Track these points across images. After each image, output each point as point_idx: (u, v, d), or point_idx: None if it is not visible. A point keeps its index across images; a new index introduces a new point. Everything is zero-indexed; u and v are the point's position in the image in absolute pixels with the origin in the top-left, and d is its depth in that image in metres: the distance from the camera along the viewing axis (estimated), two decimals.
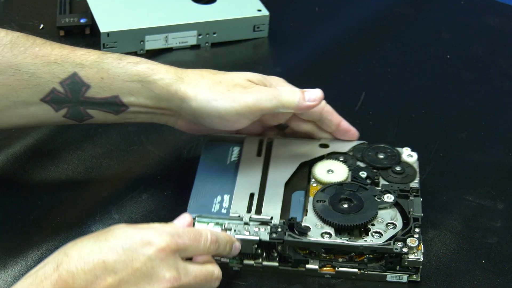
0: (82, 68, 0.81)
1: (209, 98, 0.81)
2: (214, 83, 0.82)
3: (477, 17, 1.19)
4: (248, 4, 1.12)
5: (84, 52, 0.82)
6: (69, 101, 0.82)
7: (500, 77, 1.08)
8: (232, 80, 0.82)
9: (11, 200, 0.87)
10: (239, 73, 0.84)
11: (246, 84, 0.82)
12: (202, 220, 0.80)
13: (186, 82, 0.82)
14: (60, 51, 0.82)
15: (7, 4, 1.17)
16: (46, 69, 0.80)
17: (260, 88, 0.83)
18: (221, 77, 0.83)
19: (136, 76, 0.82)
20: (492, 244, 0.84)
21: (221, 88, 0.81)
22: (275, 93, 0.82)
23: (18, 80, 0.80)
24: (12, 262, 0.80)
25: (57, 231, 0.83)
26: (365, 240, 0.78)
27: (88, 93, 0.82)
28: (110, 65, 0.82)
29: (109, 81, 0.81)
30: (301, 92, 0.83)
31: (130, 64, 0.82)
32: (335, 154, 0.87)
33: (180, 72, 0.83)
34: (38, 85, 0.81)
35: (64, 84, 0.81)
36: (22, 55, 0.80)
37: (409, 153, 0.87)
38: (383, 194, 0.82)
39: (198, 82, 0.82)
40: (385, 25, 1.17)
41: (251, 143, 0.88)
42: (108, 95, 0.82)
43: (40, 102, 0.81)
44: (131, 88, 0.82)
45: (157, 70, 0.82)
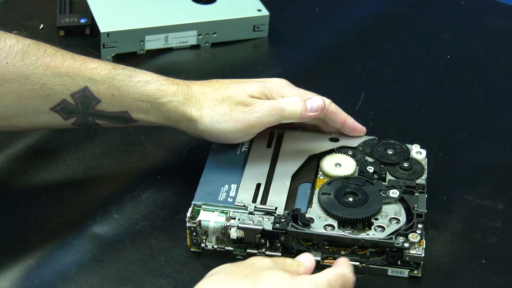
0: (93, 83, 0.82)
1: (213, 121, 0.83)
2: (217, 103, 0.83)
3: (477, 17, 1.19)
4: (248, 4, 1.12)
5: (96, 66, 0.83)
6: (79, 112, 0.83)
7: (500, 77, 1.08)
8: (234, 97, 0.83)
9: (11, 200, 0.87)
10: (241, 87, 0.84)
11: (247, 101, 0.83)
12: (207, 208, 0.81)
13: (192, 103, 0.83)
14: (72, 62, 0.82)
15: (7, 4, 1.17)
16: (58, 80, 0.81)
17: (262, 104, 0.83)
18: (223, 94, 0.83)
19: (145, 96, 0.83)
20: (492, 244, 0.84)
21: (224, 108, 0.83)
22: (277, 107, 0.83)
23: (29, 89, 0.81)
24: (12, 262, 0.80)
25: (57, 231, 0.83)
26: (368, 234, 0.78)
27: (98, 106, 0.83)
28: (121, 82, 0.82)
29: (119, 98, 0.83)
30: (303, 101, 0.84)
31: (140, 83, 0.83)
32: (344, 148, 0.88)
33: (187, 91, 0.84)
34: (49, 95, 0.82)
35: (75, 97, 0.82)
36: (34, 65, 0.81)
37: (418, 150, 0.88)
38: (389, 189, 0.82)
39: (203, 103, 0.83)
40: (385, 25, 1.17)
41: (262, 135, 0.89)
42: (118, 110, 0.83)
43: (50, 111, 0.82)
44: (140, 106, 0.83)
45: (166, 92, 0.83)
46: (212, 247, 0.81)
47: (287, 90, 0.86)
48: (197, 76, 1.07)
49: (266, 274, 0.68)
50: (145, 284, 0.79)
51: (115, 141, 0.94)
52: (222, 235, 0.80)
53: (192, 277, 0.80)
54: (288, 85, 0.87)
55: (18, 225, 0.84)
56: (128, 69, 0.84)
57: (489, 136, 0.98)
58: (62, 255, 0.81)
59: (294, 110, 0.83)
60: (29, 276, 0.79)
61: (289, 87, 0.86)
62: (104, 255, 0.81)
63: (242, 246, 0.81)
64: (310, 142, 0.88)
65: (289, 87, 0.86)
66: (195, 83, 0.85)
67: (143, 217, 0.85)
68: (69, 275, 0.79)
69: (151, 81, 0.83)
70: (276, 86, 0.86)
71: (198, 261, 0.81)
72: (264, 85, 0.86)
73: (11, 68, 0.80)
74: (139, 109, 0.83)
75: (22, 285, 0.78)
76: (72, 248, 0.82)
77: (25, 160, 0.92)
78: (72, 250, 0.82)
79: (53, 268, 0.80)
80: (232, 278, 0.68)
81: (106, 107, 0.83)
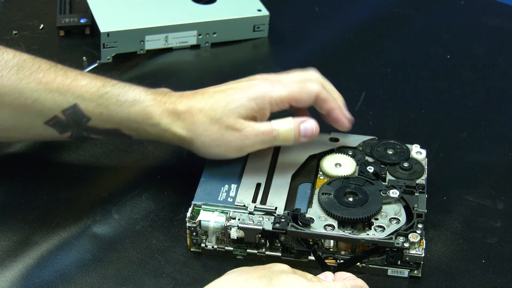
0: (82, 100, 0.82)
1: (205, 145, 0.82)
2: (206, 125, 0.82)
3: (477, 17, 1.19)
4: (248, 4, 1.12)
5: (86, 83, 0.82)
6: (72, 127, 0.83)
7: (500, 77, 1.08)
8: (223, 121, 0.81)
9: (11, 200, 0.87)
10: (229, 108, 0.81)
11: (238, 126, 0.81)
12: (207, 208, 0.81)
13: (180, 124, 0.82)
14: (63, 79, 0.82)
15: (7, 4, 1.17)
16: (49, 96, 0.81)
17: (254, 129, 0.82)
18: (212, 116, 0.81)
19: (133, 117, 0.82)
20: (492, 244, 0.84)
21: (215, 131, 0.81)
22: (270, 135, 0.82)
23: (22, 103, 0.81)
24: (12, 262, 0.80)
25: (57, 231, 0.83)
26: (368, 234, 0.78)
27: (89, 123, 0.83)
28: (108, 101, 0.82)
29: (108, 116, 0.82)
30: (297, 125, 0.83)
31: (127, 103, 0.82)
32: (344, 148, 0.88)
33: (173, 109, 0.82)
34: (41, 110, 0.82)
35: (65, 113, 0.82)
36: (27, 80, 0.81)
37: (418, 150, 0.88)
38: (389, 189, 0.82)
39: (191, 123, 0.82)
40: (385, 25, 1.17)
41: None
42: (109, 127, 0.83)
43: (44, 125, 0.83)
44: (130, 126, 0.83)
45: (152, 114, 0.82)
46: (212, 247, 0.81)
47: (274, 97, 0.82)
48: (197, 76, 1.07)
49: (282, 276, 0.69)
50: (145, 284, 0.79)
51: (115, 141, 0.94)
52: (222, 235, 0.80)
53: (192, 277, 0.80)
54: (271, 89, 0.82)
55: (18, 225, 0.84)
56: (118, 86, 0.83)
57: (489, 136, 0.98)
58: (62, 255, 0.81)
59: (288, 136, 0.83)
60: (29, 276, 0.79)
61: (275, 91, 0.82)
62: (104, 255, 0.81)
63: (242, 246, 0.81)
64: (310, 142, 0.88)
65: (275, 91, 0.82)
66: (181, 98, 0.83)
67: (143, 217, 0.85)
68: (69, 275, 0.79)
69: (138, 101, 0.82)
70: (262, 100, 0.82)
71: (198, 261, 0.81)
72: (258, 103, 0.82)
73: (5, 82, 0.81)
74: (129, 128, 0.83)
75: (22, 285, 0.78)
76: (72, 248, 0.82)
77: (25, 160, 0.92)
78: (72, 250, 0.82)
79: (53, 268, 0.80)
80: (246, 277, 0.69)
81: (97, 124, 0.83)
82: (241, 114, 0.82)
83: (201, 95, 0.83)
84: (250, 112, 0.82)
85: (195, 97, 0.83)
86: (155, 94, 0.83)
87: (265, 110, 0.82)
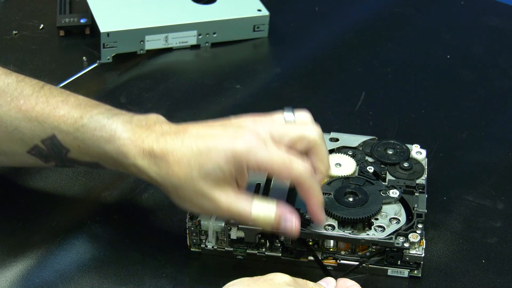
0: (59, 131, 0.77)
1: (180, 200, 0.76)
2: (183, 181, 0.74)
3: (477, 17, 1.19)
4: (248, 4, 1.12)
5: (64, 113, 0.77)
6: (54, 157, 0.79)
7: (500, 77, 1.08)
8: (199, 185, 0.74)
9: (11, 200, 0.87)
10: (211, 170, 0.74)
11: (213, 195, 0.74)
12: None
13: (157, 170, 0.75)
14: (43, 107, 0.78)
15: (7, 4, 1.17)
16: (28, 125, 0.78)
17: (229, 204, 0.75)
18: (189, 174, 0.74)
19: (109, 154, 0.77)
20: (492, 244, 0.84)
21: (190, 191, 0.75)
22: (246, 218, 0.76)
23: (3, 131, 0.78)
24: (12, 262, 0.80)
25: (57, 231, 0.83)
26: (368, 234, 0.78)
27: (69, 154, 0.79)
28: (84, 135, 0.77)
29: (85, 150, 0.78)
30: (277, 217, 0.75)
31: (102, 138, 0.76)
32: (344, 148, 0.88)
33: (151, 151, 0.75)
34: (22, 139, 0.78)
35: (45, 143, 0.78)
36: (7, 107, 0.78)
37: (418, 150, 0.88)
38: (389, 189, 0.82)
39: (168, 174, 0.75)
40: (385, 25, 1.17)
41: None
42: (89, 160, 0.79)
43: (27, 154, 0.79)
44: (108, 161, 0.78)
45: (127, 154, 0.76)
46: (212, 247, 0.81)
47: (252, 163, 0.74)
48: (197, 76, 1.07)
49: None
50: (145, 284, 0.79)
51: None
52: (222, 235, 0.80)
53: (192, 277, 0.80)
54: (253, 151, 0.74)
55: (18, 225, 0.84)
56: (96, 118, 0.77)
57: (489, 136, 0.98)
58: (62, 255, 0.81)
59: (266, 223, 0.76)
60: (29, 276, 0.79)
61: (255, 155, 0.74)
62: (104, 255, 0.81)
63: (242, 246, 0.81)
64: None
65: (255, 155, 0.74)
66: (161, 137, 0.76)
67: (143, 217, 0.85)
68: (69, 275, 0.79)
69: (113, 138, 0.76)
70: (240, 163, 0.74)
71: (198, 261, 0.81)
72: (229, 168, 0.74)
73: None
74: (107, 162, 0.78)
75: (22, 285, 0.78)
76: (72, 248, 0.82)
77: None
78: (72, 250, 0.82)
79: (53, 268, 0.80)
80: None
81: (76, 156, 0.78)
82: (219, 179, 0.74)
83: (182, 138, 0.75)
84: (228, 176, 0.74)
85: (176, 140, 0.75)
86: (135, 129, 0.77)
87: (243, 174, 0.75)
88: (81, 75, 1.05)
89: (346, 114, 1.01)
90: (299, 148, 0.76)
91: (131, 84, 1.05)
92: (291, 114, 0.78)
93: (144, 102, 1.01)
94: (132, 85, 1.04)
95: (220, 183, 0.74)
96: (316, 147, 0.76)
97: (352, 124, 0.99)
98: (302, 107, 1.01)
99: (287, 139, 0.75)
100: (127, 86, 1.04)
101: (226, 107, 1.01)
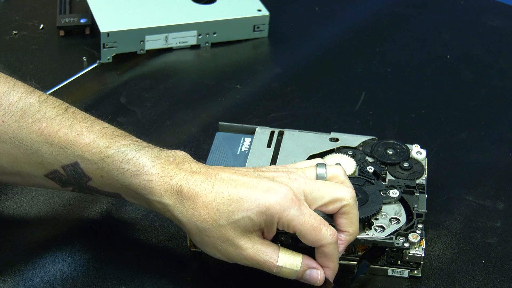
0: (83, 160, 0.75)
1: (202, 243, 0.75)
2: (209, 227, 0.73)
3: (477, 17, 1.19)
4: (248, 4, 1.12)
5: (89, 141, 0.75)
6: (73, 183, 0.78)
7: (500, 77, 1.08)
8: (226, 232, 0.73)
9: (11, 200, 0.87)
10: (240, 219, 0.72)
11: (240, 243, 0.73)
12: None
13: (182, 210, 0.74)
14: (66, 132, 0.76)
15: (7, 4, 1.17)
16: (50, 150, 0.76)
17: (255, 253, 0.73)
18: (217, 220, 0.73)
19: (134, 188, 0.75)
20: (492, 244, 0.84)
21: (214, 237, 0.73)
22: (270, 269, 0.74)
23: (22, 153, 0.76)
24: (12, 262, 0.80)
25: (57, 231, 0.83)
26: (368, 234, 0.78)
27: (90, 183, 0.77)
28: (110, 166, 0.75)
29: (109, 181, 0.76)
30: (302, 270, 0.74)
31: (129, 172, 0.74)
32: (344, 148, 0.88)
33: (179, 188, 0.74)
34: (41, 163, 0.76)
35: (66, 170, 0.76)
36: (28, 129, 0.76)
37: (418, 150, 0.88)
38: (389, 189, 0.82)
39: (194, 216, 0.73)
40: (385, 25, 1.17)
41: (262, 134, 0.88)
42: (110, 190, 0.77)
43: (45, 177, 0.78)
44: (131, 194, 0.76)
45: (153, 190, 0.74)
46: None
47: (283, 221, 0.73)
48: (197, 76, 1.07)
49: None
50: (145, 284, 0.79)
51: None
52: None
53: (192, 277, 0.80)
54: (286, 210, 0.72)
55: (18, 225, 0.84)
56: (123, 149, 0.75)
57: (489, 136, 0.98)
58: (62, 255, 0.81)
59: (289, 275, 0.74)
60: (29, 276, 0.79)
61: (287, 215, 0.72)
62: (104, 255, 0.81)
63: None
64: (310, 141, 0.88)
65: (287, 215, 0.72)
66: (190, 177, 0.74)
67: (143, 217, 0.85)
68: (69, 275, 0.79)
69: (140, 173, 0.74)
70: (272, 219, 0.72)
71: (198, 261, 0.81)
72: (259, 221, 0.72)
73: (6, 128, 0.76)
74: (130, 195, 0.76)
75: (22, 285, 0.78)
76: (72, 248, 0.82)
77: None
78: (72, 250, 0.82)
79: (53, 268, 0.80)
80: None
81: (97, 185, 0.77)
82: (246, 228, 0.73)
83: (213, 182, 0.73)
84: (257, 227, 0.73)
85: (207, 182, 0.74)
86: (164, 165, 0.75)
87: (272, 228, 0.73)
88: (81, 75, 1.05)
89: (346, 114, 1.01)
90: (331, 209, 0.74)
91: (131, 84, 1.05)
92: (323, 170, 0.76)
93: (144, 102, 1.01)
94: (132, 85, 1.04)
95: (248, 232, 0.73)
96: (348, 209, 0.74)
97: (352, 124, 0.99)
98: (302, 107, 1.02)
99: (320, 202, 0.74)
100: (127, 86, 1.04)
101: (226, 107, 1.01)
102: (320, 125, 0.98)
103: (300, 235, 0.73)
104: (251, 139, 0.89)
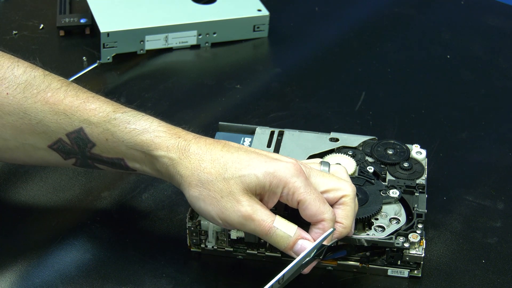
0: (88, 124, 0.77)
1: (199, 197, 0.74)
2: (213, 179, 0.74)
3: (477, 17, 1.19)
4: (248, 4, 1.12)
5: (95, 107, 0.77)
6: (76, 153, 0.79)
7: (500, 77, 1.08)
8: (230, 185, 0.73)
9: (11, 200, 0.87)
10: (246, 175, 0.73)
11: (241, 200, 0.73)
12: None
13: (187, 164, 0.74)
14: (72, 100, 0.77)
15: (7, 4, 1.17)
16: (54, 118, 0.77)
17: (253, 212, 0.73)
18: (223, 173, 0.73)
19: (139, 146, 0.76)
20: (492, 244, 0.84)
21: (216, 189, 0.73)
22: (263, 230, 0.73)
23: (26, 124, 0.78)
24: (12, 262, 0.80)
25: (57, 231, 0.83)
26: (368, 234, 0.78)
27: (93, 150, 0.78)
28: (116, 128, 0.76)
29: (113, 144, 0.77)
30: (295, 238, 0.74)
31: (136, 131, 0.76)
32: (344, 148, 0.88)
33: (184, 148, 0.75)
34: (45, 132, 0.78)
35: (70, 137, 0.78)
36: (33, 99, 0.77)
37: (418, 150, 0.88)
38: (389, 189, 0.82)
39: (197, 169, 0.74)
40: (385, 25, 1.17)
41: (262, 134, 0.88)
42: (113, 156, 0.78)
43: (48, 149, 0.79)
44: (135, 155, 0.77)
45: (160, 145, 0.76)
46: (212, 247, 0.81)
47: (290, 187, 0.73)
48: (197, 76, 1.07)
49: None
50: (145, 284, 0.79)
51: None
52: (222, 235, 0.80)
53: (192, 277, 0.80)
54: (294, 178, 0.73)
55: (18, 225, 0.84)
56: (130, 114, 0.77)
57: (489, 136, 0.98)
58: (62, 255, 0.81)
59: (280, 242, 0.74)
60: (29, 276, 0.79)
61: (296, 183, 0.73)
62: (104, 255, 0.81)
63: (242, 246, 0.81)
64: (310, 141, 0.88)
65: (296, 183, 0.73)
66: (198, 139, 0.76)
67: (143, 217, 0.85)
68: (69, 275, 0.79)
69: (147, 130, 0.76)
70: (278, 181, 0.73)
71: (198, 261, 0.81)
72: (265, 181, 0.73)
73: (10, 100, 0.77)
74: (133, 158, 0.77)
75: (22, 285, 0.78)
76: (72, 248, 0.82)
77: None
78: (72, 250, 0.82)
79: (53, 268, 0.80)
80: None
81: (101, 151, 0.78)
82: (250, 187, 0.73)
83: (222, 147, 0.75)
84: (260, 189, 0.73)
85: (214, 146, 0.75)
86: (171, 127, 0.77)
87: (275, 193, 0.74)
88: (81, 75, 1.06)
89: (346, 114, 1.01)
90: (331, 197, 0.75)
91: (131, 84, 1.05)
92: (327, 168, 0.77)
93: (144, 102, 1.01)
94: (132, 85, 1.04)
95: (250, 191, 0.73)
96: (347, 201, 0.75)
97: (352, 124, 0.99)
98: (302, 107, 1.02)
99: (322, 188, 0.75)
100: (127, 86, 1.04)
101: (226, 107, 1.01)
102: (320, 125, 0.98)
103: (304, 205, 0.73)
104: (251, 139, 0.89)
